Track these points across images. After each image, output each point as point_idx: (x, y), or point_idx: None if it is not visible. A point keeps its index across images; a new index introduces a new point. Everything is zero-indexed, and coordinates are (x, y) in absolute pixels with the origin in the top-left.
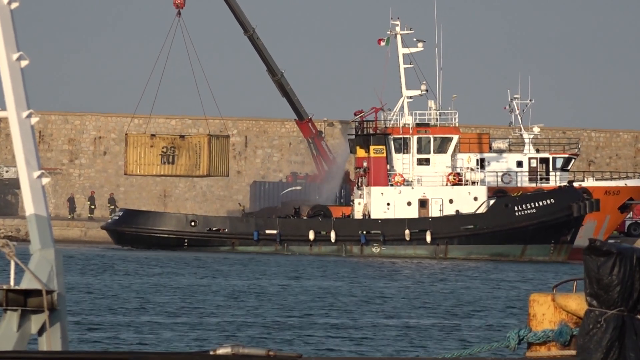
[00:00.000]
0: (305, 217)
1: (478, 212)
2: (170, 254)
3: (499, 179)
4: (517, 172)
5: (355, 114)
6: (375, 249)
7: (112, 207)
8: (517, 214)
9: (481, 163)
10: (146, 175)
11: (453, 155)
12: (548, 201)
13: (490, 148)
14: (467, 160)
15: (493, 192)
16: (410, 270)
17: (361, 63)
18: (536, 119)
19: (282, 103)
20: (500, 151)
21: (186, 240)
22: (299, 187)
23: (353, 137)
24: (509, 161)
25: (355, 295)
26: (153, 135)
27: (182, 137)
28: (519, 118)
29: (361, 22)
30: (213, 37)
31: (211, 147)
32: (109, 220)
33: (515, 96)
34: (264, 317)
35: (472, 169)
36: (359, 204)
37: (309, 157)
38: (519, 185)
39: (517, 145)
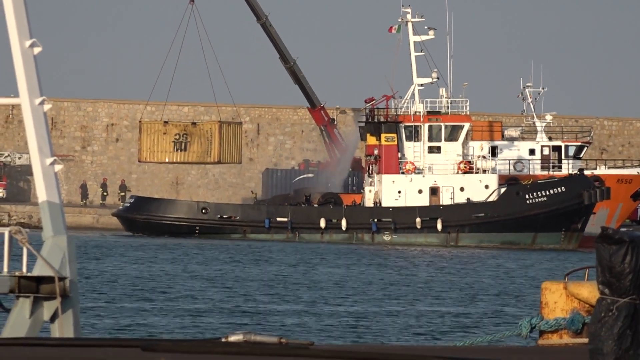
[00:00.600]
0: (316, 205)
1: (489, 200)
2: (188, 242)
3: (511, 167)
4: (529, 160)
5: (366, 102)
6: (386, 237)
7: (123, 193)
8: (528, 202)
9: (493, 151)
10: (159, 163)
11: (465, 143)
12: (559, 189)
13: (502, 136)
14: (479, 148)
15: (505, 180)
16: (423, 258)
17: (373, 51)
18: (549, 106)
19: (294, 90)
20: (512, 139)
21: (197, 228)
22: (311, 175)
23: (363, 124)
24: (521, 149)
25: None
26: (166, 123)
27: (194, 124)
28: (532, 106)
29: (373, 9)
30: (226, 24)
31: (222, 134)
32: (120, 207)
33: (528, 84)
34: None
35: (483, 157)
36: (370, 191)
37: (321, 145)
38: (531, 173)
39: (529, 133)
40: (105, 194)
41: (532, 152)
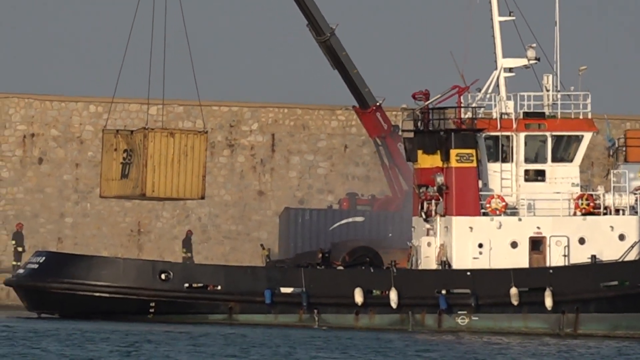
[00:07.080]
0: (341, 267)
1: (627, 259)
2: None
3: None
4: None
5: (414, 97)
6: (462, 320)
7: (20, 248)
8: None
9: None
10: (108, 197)
11: (614, 166)
12: None
13: None
14: (638, 175)
15: None
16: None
17: (454, 22)
18: None
19: (333, 81)
20: None
21: (152, 304)
22: (360, 218)
23: (411, 135)
24: None
25: None
26: (117, 132)
27: (131, 132)
28: None
29: None
30: None
31: (152, 148)
32: (20, 271)
33: None
34: None
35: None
36: (429, 244)
37: (376, 169)
38: None
39: None
40: (19, 249)
41: None
